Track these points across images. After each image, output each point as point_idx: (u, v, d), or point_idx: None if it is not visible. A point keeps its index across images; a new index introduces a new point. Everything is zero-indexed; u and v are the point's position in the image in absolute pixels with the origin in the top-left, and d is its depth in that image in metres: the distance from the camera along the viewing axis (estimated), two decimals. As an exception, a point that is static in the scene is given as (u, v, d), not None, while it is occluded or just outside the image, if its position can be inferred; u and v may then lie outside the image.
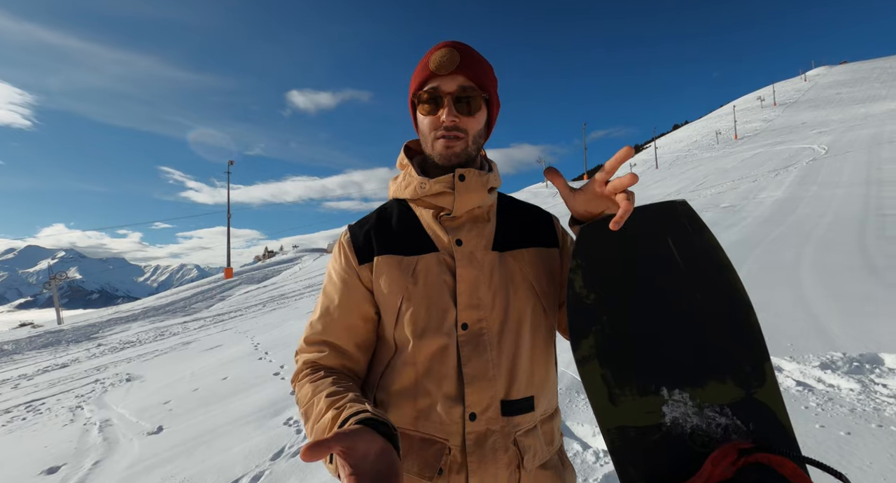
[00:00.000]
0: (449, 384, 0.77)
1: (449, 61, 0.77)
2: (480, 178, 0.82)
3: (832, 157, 16.98)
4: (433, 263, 0.80)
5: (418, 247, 0.82)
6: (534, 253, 0.85)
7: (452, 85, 0.78)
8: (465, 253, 0.81)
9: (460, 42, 0.82)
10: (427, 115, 0.80)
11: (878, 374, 2.71)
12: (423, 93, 0.80)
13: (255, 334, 7.74)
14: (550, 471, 0.81)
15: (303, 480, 2.44)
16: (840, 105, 49.17)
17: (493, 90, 0.83)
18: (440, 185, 0.81)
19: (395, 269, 0.81)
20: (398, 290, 0.79)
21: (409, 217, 0.86)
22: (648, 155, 51.64)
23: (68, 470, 3.08)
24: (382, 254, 0.82)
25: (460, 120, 0.78)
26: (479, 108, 0.80)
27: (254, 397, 4.05)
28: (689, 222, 0.77)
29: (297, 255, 40.19)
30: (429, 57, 0.79)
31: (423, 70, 0.80)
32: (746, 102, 77.80)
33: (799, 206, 9.66)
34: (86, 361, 8.29)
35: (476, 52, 0.82)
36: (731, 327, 0.75)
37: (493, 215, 0.87)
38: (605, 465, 2.17)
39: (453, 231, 0.82)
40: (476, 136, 0.82)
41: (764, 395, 0.72)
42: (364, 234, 0.85)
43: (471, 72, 0.78)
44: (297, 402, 0.77)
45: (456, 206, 0.81)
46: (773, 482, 0.61)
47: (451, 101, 0.78)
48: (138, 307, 19.83)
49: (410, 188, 0.85)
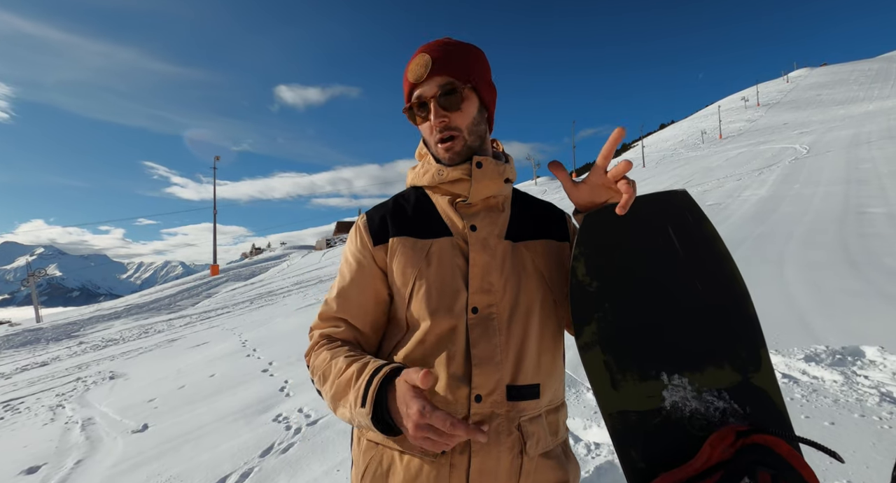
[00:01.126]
0: (456, 365, 0.78)
1: (423, 67, 0.80)
2: (497, 167, 0.84)
3: (813, 156, 17.38)
4: (447, 247, 0.82)
5: (433, 230, 0.84)
6: (545, 245, 0.87)
7: (433, 88, 0.80)
8: (478, 238, 0.83)
9: (435, 42, 0.83)
10: (422, 123, 0.85)
11: (860, 366, 2.79)
12: (412, 104, 0.83)
13: (242, 331, 7.63)
14: (553, 460, 0.81)
15: (292, 476, 2.41)
16: (821, 106, 50.38)
17: (477, 77, 0.83)
18: (458, 172, 0.83)
19: (410, 250, 0.83)
20: (412, 270, 0.82)
21: (425, 203, 0.89)
22: (636, 154, 52.28)
23: (49, 469, 3.00)
24: (397, 235, 0.85)
25: (450, 117, 0.80)
26: (465, 99, 0.81)
27: (242, 394, 3.99)
28: (690, 212, 0.79)
29: (285, 252, 39.80)
30: (407, 69, 0.83)
31: (406, 82, 0.83)
32: (731, 102, 79.21)
33: (782, 204, 9.87)
34: (67, 359, 8.09)
35: (454, 46, 0.83)
36: (729, 315, 0.76)
37: (508, 206, 0.89)
38: (596, 458, 2.18)
39: (468, 217, 0.84)
40: (471, 127, 0.83)
41: (760, 379, 0.74)
42: (380, 218, 0.88)
43: (447, 68, 0.80)
44: (313, 370, 0.81)
45: (472, 192, 0.83)
46: (770, 462, 0.62)
47: (436, 103, 0.80)
48: (121, 305, 19.42)
49: (428, 175, 0.87)
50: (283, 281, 18.23)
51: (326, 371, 0.77)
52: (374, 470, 0.80)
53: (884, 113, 30.02)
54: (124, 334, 10.48)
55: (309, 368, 0.84)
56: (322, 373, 0.78)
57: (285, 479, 2.40)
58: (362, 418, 0.70)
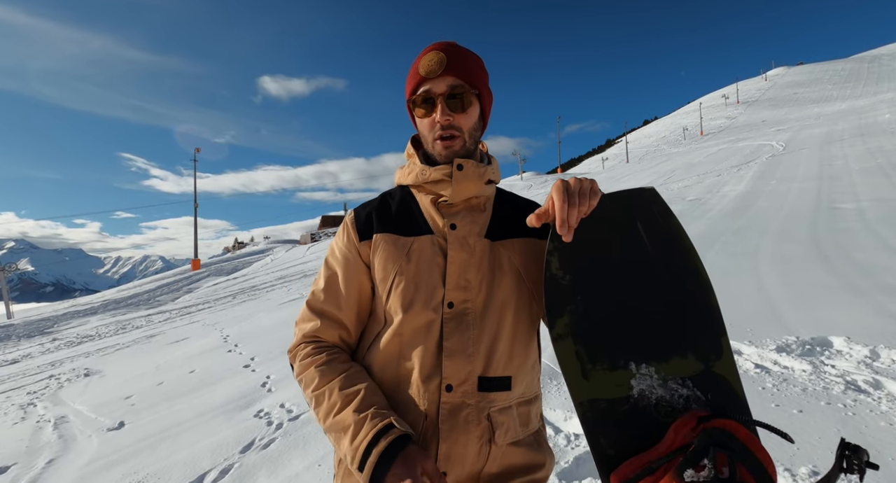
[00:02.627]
0: (429, 356, 0.81)
1: (437, 65, 0.82)
2: (478, 169, 0.87)
3: (789, 153, 17.89)
4: (427, 245, 0.86)
5: (415, 229, 0.88)
6: (524, 243, 0.89)
7: (443, 86, 0.83)
8: (457, 237, 0.86)
9: (448, 42, 0.86)
10: (423, 118, 0.87)
11: (828, 356, 2.89)
12: (416, 97, 0.86)
13: (224, 326, 7.50)
14: (523, 449, 0.84)
15: (273, 472, 2.40)
16: (797, 104, 51.79)
17: (483, 85, 0.88)
18: (439, 173, 0.86)
19: (392, 246, 0.87)
20: (392, 266, 0.85)
21: (409, 201, 0.93)
22: (620, 149, 52.94)
23: (19, 469, 2.91)
24: (381, 232, 0.89)
25: (454, 118, 0.84)
26: (471, 104, 0.86)
27: (222, 390, 3.94)
28: (657, 208, 0.82)
29: (269, 247, 39.21)
30: (418, 62, 0.85)
31: (415, 75, 0.85)
32: (712, 100, 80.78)
33: (759, 199, 10.15)
34: (39, 357, 7.84)
35: (464, 50, 0.87)
36: (692, 306, 0.80)
37: (490, 206, 0.92)
38: (575, 449, 2.22)
39: (449, 216, 0.88)
40: (471, 131, 0.87)
41: (721, 368, 0.78)
42: (366, 215, 0.92)
43: (459, 71, 0.83)
44: (301, 381, 0.84)
45: (453, 193, 0.86)
46: (728, 445, 0.66)
47: (444, 102, 0.83)
48: (97, 300, 18.90)
49: (413, 175, 0.91)
50: (266, 275, 17.97)
51: (319, 398, 0.79)
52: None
53: (855, 112, 31.04)
54: (100, 330, 10.20)
55: (294, 370, 0.86)
56: (315, 396, 0.80)
57: (266, 474, 2.38)
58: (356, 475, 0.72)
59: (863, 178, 10.49)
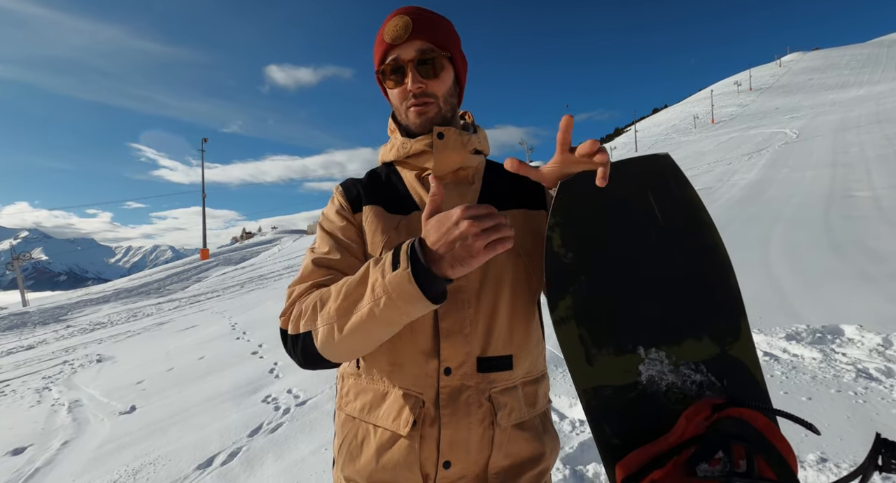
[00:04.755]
0: (425, 339, 0.77)
1: (403, 29, 0.77)
2: (461, 137, 0.82)
3: (802, 141, 17.50)
4: (415, 222, 0.81)
5: (402, 207, 0.83)
6: (519, 214, 0.84)
7: (411, 51, 0.78)
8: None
9: (412, 6, 0.80)
10: (394, 88, 0.82)
11: (839, 344, 2.85)
12: (385, 66, 0.80)
13: (232, 314, 7.59)
14: (529, 432, 0.81)
15: (280, 456, 2.43)
16: (811, 91, 50.49)
17: (454, 48, 0.82)
18: (420, 145, 0.81)
19: (381, 220, 0.82)
20: (381, 238, 0.80)
21: (394, 179, 0.87)
22: (628, 138, 52.18)
23: (35, 450, 2.98)
24: (370, 204, 0.84)
25: (426, 84, 0.79)
26: (443, 68, 0.80)
27: (231, 376, 3.99)
28: (673, 177, 0.75)
29: (277, 237, 39.45)
30: (383, 29, 0.79)
31: (381, 44, 0.79)
32: (724, 87, 79.05)
33: (770, 188, 9.96)
34: (53, 343, 8.00)
35: (430, 13, 0.81)
36: (708, 286, 0.74)
37: (479, 179, 0.87)
38: (580, 435, 2.22)
39: None
40: (446, 97, 0.82)
41: (738, 350, 0.72)
42: (355, 188, 0.87)
43: (427, 34, 0.78)
44: (297, 315, 0.72)
45: (435, 164, 0.81)
46: (745, 435, 0.61)
47: (414, 68, 0.78)
48: (109, 289, 19.21)
49: (394, 150, 0.86)
50: (273, 265, 18.11)
51: (324, 296, 0.70)
52: (349, 442, 0.80)
53: (873, 98, 30.19)
54: (112, 318, 10.37)
55: (287, 323, 0.74)
56: (319, 300, 0.70)
57: (273, 458, 2.42)
58: (399, 284, 0.60)
59: (879, 166, 10.24)
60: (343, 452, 0.80)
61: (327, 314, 0.68)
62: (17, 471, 2.69)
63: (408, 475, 0.75)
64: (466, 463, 0.76)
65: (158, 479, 2.35)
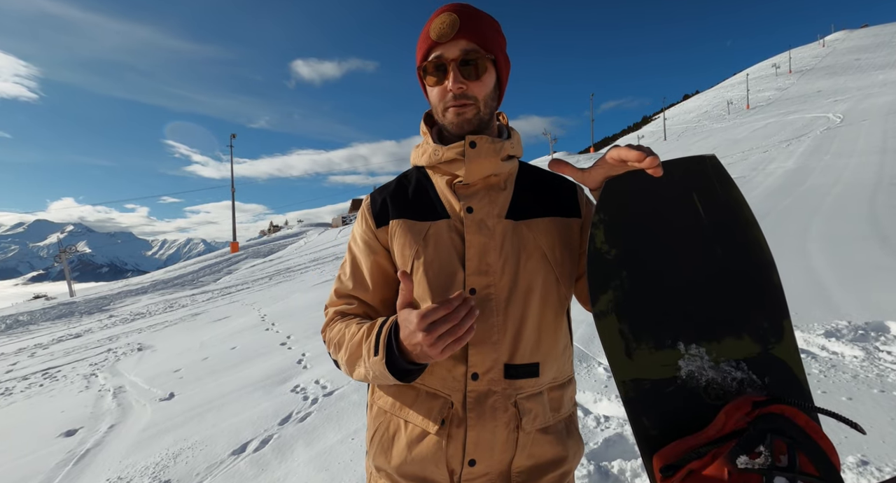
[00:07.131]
0: None
1: (449, 27, 0.76)
2: (493, 145, 0.81)
3: (847, 125, 16.48)
4: (444, 229, 0.81)
5: (431, 213, 0.84)
6: (549, 222, 0.84)
7: (455, 51, 0.76)
8: (474, 220, 0.81)
9: (461, 3, 0.79)
10: (434, 86, 0.80)
11: (883, 342, 2.71)
12: (427, 63, 0.79)
13: (261, 306, 7.85)
14: (552, 436, 0.82)
15: (309, 444, 2.51)
16: (858, 71, 47.35)
17: (499, 50, 0.81)
18: (452, 152, 0.81)
19: (408, 233, 0.83)
20: (410, 251, 0.82)
21: (425, 184, 0.88)
22: (657, 126, 50.42)
23: (85, 433, 3.19)
24: (397, 218, 0.85)
25: (467, 86, 0.77)
26: (486, 70, 0.79)
27: (261, 366, 4.14)
28: (717, 178, 0.75)
29: (303, 230, 40.35)
30: (429, 25, 0.78)
31: (426, 40, 0.79)
32: (761, 70, 75.12)
33: (810, 176, 9.46)
34: (98, 332, 8.49)
35: (478, 12, 0.79)
36: (751, 284, 0.74)
37: (511, 184, 0.86)
38: (605, 430, 2.20)
39: (466, 198, 0.83)
40: (487, 100, 0.80)
41: (780, 351, 0.72)
42: (381, 201, 0.89)
43: (473, 34, 0.76)
44: (329, 342, 0.85)
45: (467, 173, 0.81)
46: (786, 432, 0.60)
47: (456, 68, 0.77)
48: (147, 280, 20.14)
49: (426, 156, 0.86)
50: (300, 258, 18.56)
51: (341, 339, 0.81)
52: (381, 434, 0.84)
53: (928, 77, 28.05)
54: (151, 308, 10.91)
55: (325, 343, 0.87)
56: (337, 341, 0.82)
57: (303, 445, 2.51)
58: (377, 367, 0.72)
59: (933, 151, 9.55)
60: (375, 443, 0.84)
61: (342, 359, 0.81)
62: (71, 451, 2.89)
63: (435, 470, 0.78)
64: (490, 462, 0.78)
65: (197, 463, 2.48)
